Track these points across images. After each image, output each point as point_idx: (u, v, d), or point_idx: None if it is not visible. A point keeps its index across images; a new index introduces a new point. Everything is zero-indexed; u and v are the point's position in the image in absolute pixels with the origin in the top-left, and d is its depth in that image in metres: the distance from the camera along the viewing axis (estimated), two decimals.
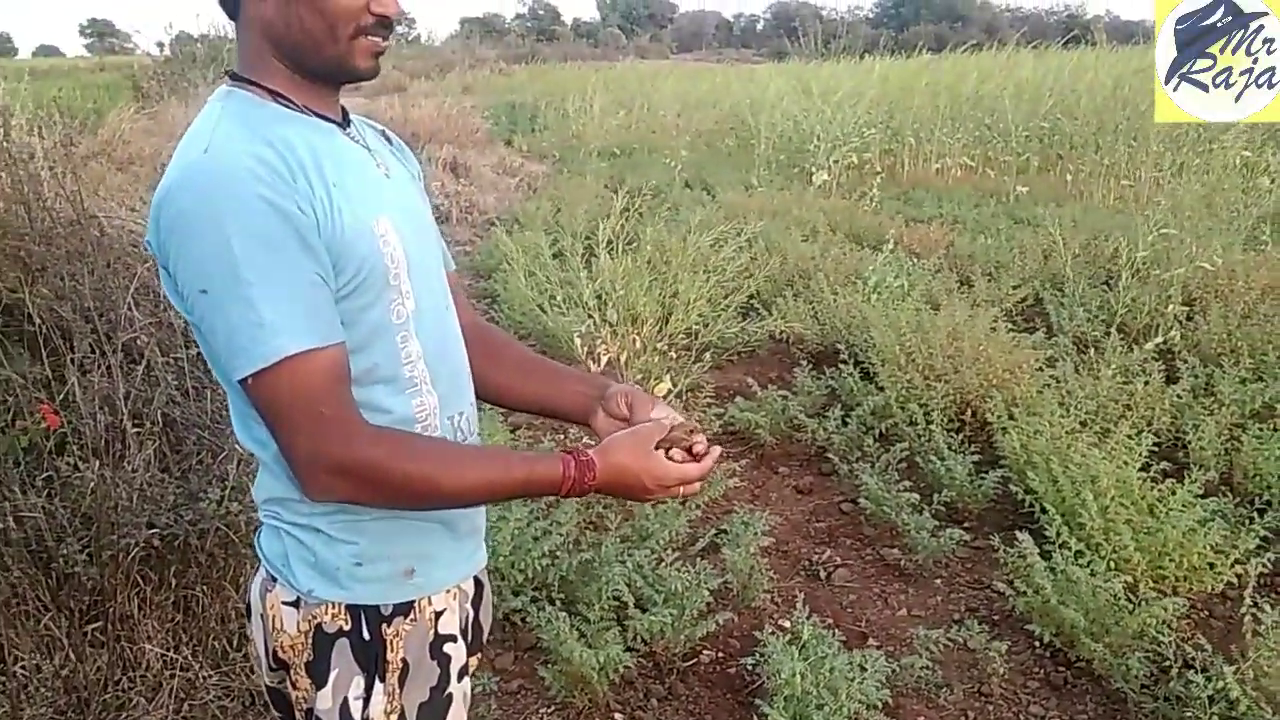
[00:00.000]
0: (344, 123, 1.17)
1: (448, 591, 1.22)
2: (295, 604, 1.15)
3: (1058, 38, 14.34)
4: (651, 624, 2.51)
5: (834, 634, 2.57)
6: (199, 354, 2.90)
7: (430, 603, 1.19)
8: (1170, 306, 4.72)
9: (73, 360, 2.60)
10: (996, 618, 2.86)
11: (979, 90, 11.34)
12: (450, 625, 1.21)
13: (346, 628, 1.14)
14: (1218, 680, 2.19)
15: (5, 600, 2.21)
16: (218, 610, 2.39)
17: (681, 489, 1.17)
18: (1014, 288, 5.34)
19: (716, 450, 1.21)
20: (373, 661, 1.15)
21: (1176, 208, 5.71)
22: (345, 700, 1.14)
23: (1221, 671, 2.19)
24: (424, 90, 18.65)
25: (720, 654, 2.71)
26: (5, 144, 3.34)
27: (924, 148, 10.84)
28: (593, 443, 1.20)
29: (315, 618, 1.14)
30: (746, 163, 10.63)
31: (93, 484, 2.26)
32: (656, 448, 1.16)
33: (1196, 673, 2.28)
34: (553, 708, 2.48)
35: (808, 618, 2.52)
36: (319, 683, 1.14)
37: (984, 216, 7.78)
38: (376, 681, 1.15)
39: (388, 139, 1.30)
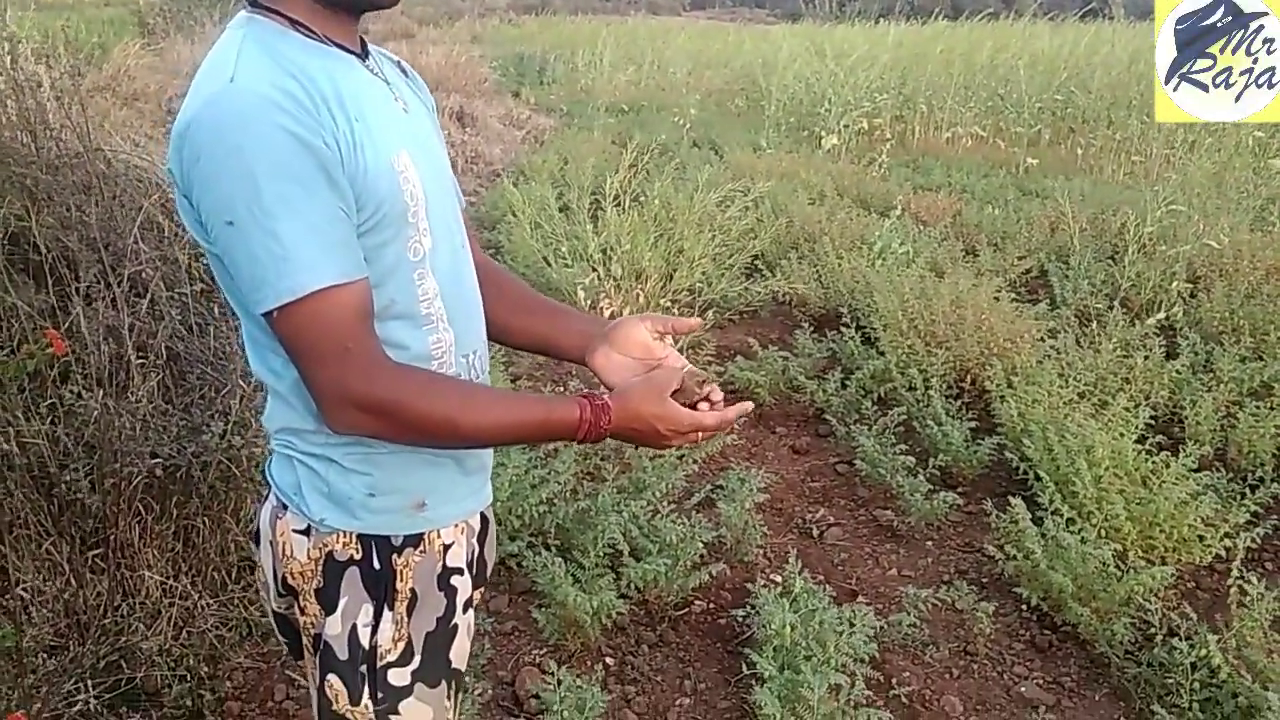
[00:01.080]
0: (363, 54, 1.16)
1: (456, 525, 1.23)
2: (306, 532, 1.17)
3: (1075, 10, 14.13)
4: (645, 573, 2.55)
5: (824, 589, 2.60)
6: (203, 290, 2.91)
7: (439, 535, 1.20)
8: (1174, 283, 4.72)
9: (77, 290, 2.59)
10: (985, 580, 2.90)
11: (993, 60, 11.19)
12: (458, 558, 1.23)
13: (357, 557, 1.16)
14: (1201, 648, 2.22)
15: (8, 524, 2.23)
16: (218, 541, 2.42)
17: (699, 435, 1.18)
18: (1019, 259, 5.32)
19: (748, 406, 1.23)
20: (382, 590, 1.16)
21: (1186, 185, 5.68)
22: (354, 626, 1.16)
23: (1205, 640, 2.22)
24: (432, 38, 18.38)
25: (712, 604, 2.75)
26: (13, 72, 3.30)
27: (935, 116, 10.72)
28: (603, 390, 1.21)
29: (326, 546, 1.16)
30: (756, 124, 10.52)
31: (96, 412, 2.28)
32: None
33: (1180, 640, 2.31)
34: (545, 649, 2.52)
35: (799, 573, 2.56)
36: (328, 609, 1.16)
37: (992, 187, 7.73)
38: (385, 610, 1.16)
39: (404, 71, 1.28)
